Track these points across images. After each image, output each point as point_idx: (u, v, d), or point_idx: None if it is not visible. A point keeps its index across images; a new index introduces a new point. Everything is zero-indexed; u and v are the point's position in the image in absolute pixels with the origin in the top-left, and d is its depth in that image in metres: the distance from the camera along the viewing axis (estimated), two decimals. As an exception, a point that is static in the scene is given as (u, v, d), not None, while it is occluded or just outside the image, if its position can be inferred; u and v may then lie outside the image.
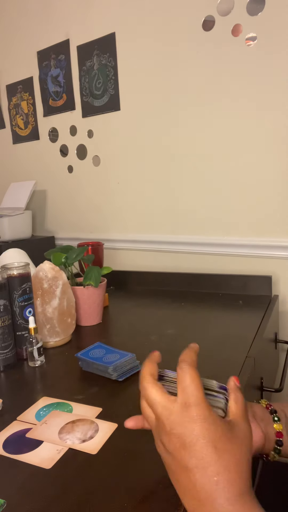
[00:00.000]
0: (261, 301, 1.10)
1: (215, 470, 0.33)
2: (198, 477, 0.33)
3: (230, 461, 0.33)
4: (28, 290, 0.79)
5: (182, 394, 0.35)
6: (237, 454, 0.34)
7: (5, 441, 0.53)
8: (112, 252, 1.50)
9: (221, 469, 0.33)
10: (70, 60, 1.50)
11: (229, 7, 1.12)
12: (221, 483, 0.32)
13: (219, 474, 0.32)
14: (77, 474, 0.46)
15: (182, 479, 0.34)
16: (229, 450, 0.33)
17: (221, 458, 0.33)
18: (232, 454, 0.33)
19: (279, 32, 1.06)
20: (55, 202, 1.69)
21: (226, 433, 0.34)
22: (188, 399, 0.34)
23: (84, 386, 0.67)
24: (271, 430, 0.44)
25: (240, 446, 0.34)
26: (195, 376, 0.35)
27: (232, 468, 0.33)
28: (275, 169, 1.14)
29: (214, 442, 0.33)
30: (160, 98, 1.31)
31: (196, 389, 0.34)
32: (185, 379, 0.35)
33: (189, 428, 0.33)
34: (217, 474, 0.32)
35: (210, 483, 0.32)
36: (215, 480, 0.32)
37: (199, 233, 1.31)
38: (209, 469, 0.33)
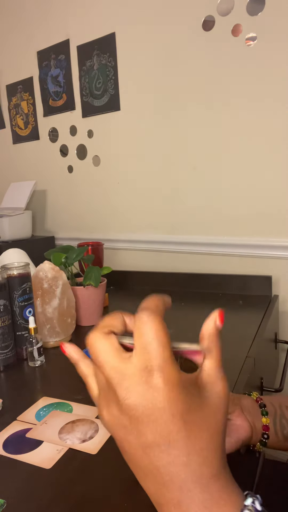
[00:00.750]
0: (261, 301, 1.10)
1: (184, 449, 0.26)
2: (161, 457, 0.26)
3: (202, 437, 0.27)
4: (28, 290, 0.79)
5: (141, 353, 0.27)
6: (210, 427, 0.27)
7: (5, 441, 0.53)
8: (112, 252, 1.50)
9: (191, 447, 0.26)
10: (70, 60, 1.50)
11: (229, 7, 1.12)
12: (191, 464, 0.26)
13: (189, 454, 0.26)
14: (77, 474, 0.46)
15: (140, 459, 0.27)
16: (201, 422, 0.27)
17: (192, 434, 0.26)
18: (204, 427, 0.27)
19: (279, 32, 1.06)
20: (55, 202, 1.69)
21: (197, 400, 0.27)
22: (148, 360, 0.26)
23: (84, 386, 0.67)
24: (259, 423, 0.45)
25: (215, 415, 0.28)
26: (158, 327, 0.26)
27: (204, 444, 0.27)
28: (275, 169, 1.14)
29: (184, 415, 0.26)
30: (160, 98, 1.31)
31: (160, 345, 0.26)
32: (145, 332, 0.26)
33: (150, 398, 0.26)
34: (187, 454, 0.26)
35: (178, 464, 0.26)
36: (183, 461, 0.26)
37: (199, 233, 1.31)
38: (176, 448, 0.26)
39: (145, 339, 0.26)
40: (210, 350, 0.30)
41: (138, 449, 0.27)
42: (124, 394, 0.27)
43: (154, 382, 0.26)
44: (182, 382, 0.27)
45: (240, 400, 0.46)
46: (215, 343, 0.30)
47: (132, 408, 0.26)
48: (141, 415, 0.26)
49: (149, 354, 0.26)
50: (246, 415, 0.44)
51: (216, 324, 0.31)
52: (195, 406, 0.27)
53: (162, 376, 0.26)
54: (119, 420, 0.28)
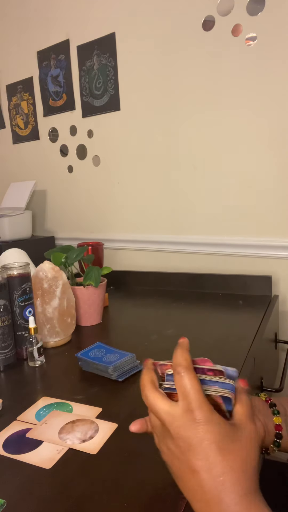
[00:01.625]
0: (261, 301, 1.10)
1: (220, 470, 0.33)
2: (204, 478, 0.33)
3: (235, 461, 0.33)
4: (28, 290, 0.79)
5: (183, 400, 0.35)
6: (242, 454, 0.34)
7: (5, 441, 0.53)
8: (112, 252, 1.50)
9: (226, 469, 0.33)
10: (70, 60, 1.50)
11: (229, 7, 1.12)
12: (227, 483, 0.32)
13: (224, 474, 0.33)
14: (77, 474, 0.46)
15: (189, 482, 0.34)
16: (234, 450, 0.34)
17: (226, 458, 0.33)
18: (236, 454, 0.34)
19: (279, 32, 1.06)
20: (55, 202, 1.69)
21: (230, 433, 0.34)
22: (189, 404, 0.34)
23: (84, 386, 0.67)
24: (271, 423, 0.45)
25: (246, 446, 0.35)
26: (193, 379, 0.35)
27: (237, 467, 0.33)
28: (275, 169, 1.14)
29: (218, 443, 0.33)
30: (160, 97, 1.31)
31: (196, 393, 0.35)
32: (184, 384, 0.35)
33: (193, 431, 0.34)
34: (222, 474, 0.33)
35: (216, 483, 0.33)
36: (220, 480, 0.33)
37: (199, 233, 1.31)
38: (214, 470, 0.33)
39: (184, 389, 0.35)
40: (241, 403, 0.38)
41: (187, 472, 0.35)
42: (175, 430, 0.35)
43: (196, 418, 0.34)
44: (216, 419, 0.34)
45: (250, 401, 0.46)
46: (245, 398, 0.38)
47: (182, 439, 0.34)
48: (188, 445, 0.34)
49: (189, 399, 0.35)
50: (258, 416, 0.44)
51: (242, 387, 0.39)
52: (228, 438, 0.34)
53: (200, 413, 0.34)
54: (174, 452, 0.36)
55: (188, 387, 0.35)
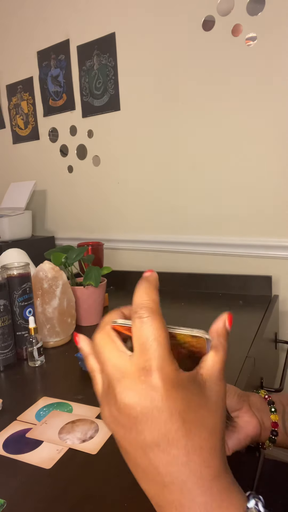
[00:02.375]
0: (261, 301, 1.10)
1: (183, 448, 0.26)
2: (160, 458, 0.26)
3: (201, 436, 0.26)
4: (28, 290, 0.79)
5: (140, 354, 0.26)
6: (209, 426, 0.27)
7: (5, 441, 0.53)
8: (112, 252, 1.50)
9: (191, 446, 0.26)
10: (70, 60, 1.50)
11: (229, 7, 1.12)
12: (191, 464, 0.26)
13: (189, 453, 0.26)
14: (77, 474, 0.46)
15: (139, 459, 0.27)
16: (200, 420, 0.26)
17: (191, 433, 0.26)
18: (204, 426, 0.26)
19: (279, 32, 1.06)
20: (55, 202, 1.69)
21: (197, 397, 0.27)
22: (147, 361, 0.26)
23: (84, 386, 0.67)
24: (268, 421, 0.45)
25: (214, 414, 0.27)
26: (158, 327, 0.26)
27: (204, 443, 0.26)
28: (275, 170, 1.14)
29: (182, 414, 0.26)
30: (160, 98, 1.31)
31: (159, 346, 0.26)
32: (144, 332, 0.26)
33: (148, 397, 0.26)
34: (186, 454, 0.26)
35: (177, 464, 0.26)
36: (183, 461, 0.26)
37: (199, 233, 1.31)
38: (176, 448, 0.26)
39: (144, 340, 0.26)
40: (217, 349, 0.29)
41: (138, 449, 0.27)
42: (123, 393, 0.26)
43: (153, 382, 0.26)
44: (181, 381, 0.26)
45: (248, 397, 0.46)
46: (223, 343, 0.30)
47: (130, 407, 0.26)
48: (139, 414, 0.26)
49: (148, 355, 0.26)
50: (255, 412, 0.44)
51: (225, 326, 0.30)
52: (194, 405, 0.26)
53: (161, 376, 0.26)
54: (118, 419, 0.27)
55: (150, 338, 0.26)
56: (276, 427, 0.45)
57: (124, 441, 0.28)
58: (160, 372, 0.26)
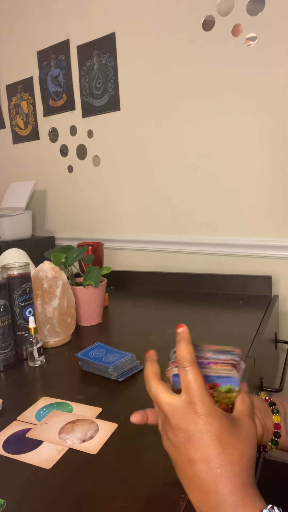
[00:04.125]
0: (261, 301, 1.10)
1: (218, 462, 0.34)
2: (202, 469, 0.34)
3: (233, 454, 0.34)
4: (28, 290, 0.79)
5: (186, 392, 0.36)
6: (240, 448, 0.35)
7: (5, 441, 0.53)
8: (112, 252, 1.50)
9: (224, 461, 0.34)
10: (70, 60, 1.50)
11: (229, 7, 1.12)
12: (224, 474, 0.33)
13: (222, 466, 0.33)
14: (77, 474, 0.46)
15: (187, 472, 0.35)
16: (233, 443, 0.34)
17: (225, 451, 0.34)
18: (235, 448, 0.34)
19: (279, 32, 1.06)
20: (55, 202, 1.69)
21: (230, 427, 0.35)
22: (191, 397, 0.35)
23: (84, 386, 0.67)
24: (270, 422, 0.45)
25: (244, 441, 0.35)
26: (196, 372, 0.36)
27: (235, 461, 0.34)
28: (275, 169, 1.14)
29: (218, 436, 0.34)
30: (160, 98, 1.31)
31: (199, 386, 0.35)
32: (188, 377, 0.36)
33: (194, 423, 0.35)
34: (220, 466, 0.33)
35: (214, 475, 0.33)
36: (218, 472, 0.33)
37: (199, 233, 1.31)
38: (213, 461, 0.34)
39: (188, 383, 0.36)
40: (243, 400, 0.39)
41: (186, 464, 0.35)
42: (175, 421, 0.36)
43: (197, 411, 0.35)
44: (217, 412, 0.35)
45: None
46: (245, 394, 0.39)
47: (181, 430, 0.35)
48: (187, 436, 0.35)
49: (192, 392, 0.35)
50: (257, 414, 0.44)
51: (245, 388, 0.40)
52: (228, 432, 0.35)
53: (202, 406, 0.35)
54: (173, 442, 0.36)
55: (192, 381, 0.35)
56: (279, 428, 0.45)
57: (177, 459, 0.36)
58: (201, 403, 0.35)
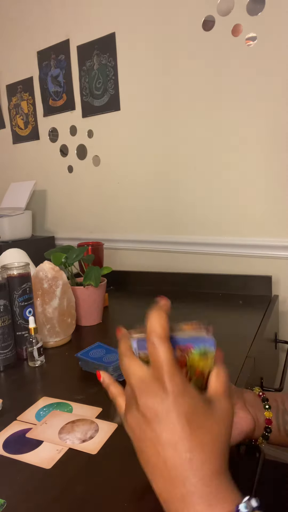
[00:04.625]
0: (261, 301, 1.10)
1: (188, 445, 0.30)
2: (168, 453, 0.31)
3: (204, 438, 0.31)
4: (28, 290, 0.79)
5: (155, 369, 0.33)
6: (213, 432, 0.32)
7: (5, 441, 0.53)
8: (112, 252, 1.50)
9: (194, 445, 0.30)
10: (70, 60, 1.50)
11: (229, 7, 1.12)
12: (194, 460, 0.30)
13: (192, 450, 0.30)
14: (77, 474, 0.46)
15: (152, 456, 0.32)
16: (205, 426, 0.31)
17: (195, 434, 0.31)
18: (207, 431, 0.31)
19: (279, 32, 1.06)
20: (55, 202, 1.69)
21: (202, 407, 0.32)
22: (161, 375, 0.32)
23: (84, 386, 0.67)
24: (261, 417, 0.45)
25: (218, 424, 0.32)
26: (167, 351, 0.33)
27: (206, 444, 0.31)
28: (275, 169, 1.14)
29: (188, 415, 0.31)
30: (160, 98, 1.31)
31: (169, 364, 0.32)
32: (157, 354, 0.33)
33: (162, 401, 0.32)
34: (190, 451, 0.30)
35: (182, 460, 0.30)
36: (187, 457, 0.30)
37: (199, 233, 1.31)
38: (181, 445, 0.30)
39: (157, 359, 0.33)
40: (218, 374, 0.36)
41: (150, 446, 0.32)
42: (143, 396, 0.33)
43: (166, 388, 0.32)
44: (188, 391, 0.32)
45: (242, 394, 0.46)
46: (221, 367, 0.37)
47: (147, 407, 0.32)
48: (154, 415, 0.32)
49: (161, 370, 0.32)
50: (249, 408, 0.45)
51: (220, 352, 0.38)
52: (200, 411, 0.32)
53: (171, 383, 0.32)
54: (137, 420, 0.33)
55: (161, 358, 0.32)
56: (270, 424, 0.45)
57: (140, 441, 0.33)
58: (170, 381, 0.32)
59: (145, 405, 0.32)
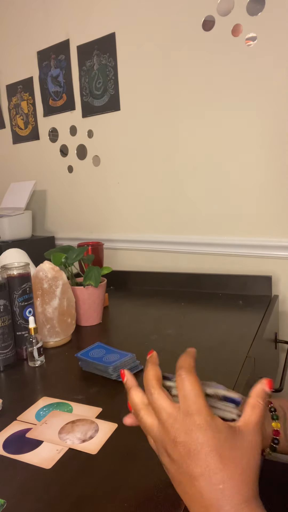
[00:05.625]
0: (261, 301, 1.10)
1: (220, 478, 0.33)
2: (203, 485, 0.33)
3: (235, 470, 0.33)
4: (28, 290, 0.79)
5: (183, 402, 0.35)
6: (242, 463, 0.33)
7: (5, 441, 0.53)
8: (112, 252, 1.50)
9: (226, 477, 0.33)
10: (70, 60, 1.50)
11: (229, 7, 1.12)
12: (227, 491, 0.32)
13: (224, 482, 0.33)
14: (77, 474, 0.46)
15: (188, 488, 0.34)
16: (234, 458, 0.33)
17: (226, 466, 0.33)
18: (237, 462, 0.33)
19: (279, 32, 1.06)
20: (55, 202, 1.69)
21: (231, 440, 0.34)
22: (189, 407, 0.34)
23: (84, 386, 0.67)
24: (269, 428, 0.45)
25: (247, 455, 0.34)
26: (194, 382, 0.35)
27: (237, 476, 0.33)
28: (275, 170, 1.14)
29: (219, 450, 0.33)
30: (160, 98, 1.31)
31: (196, 396, 0.34)
32: (185, 386, 0.35)
33: (194, 436, 0.33)
34: (222, 482, 0.33)
35: (216, 491, 0.33)
36: (220, 488, 0.32)
37: (199, 233, 1.31)
38: (214, 477, 0.33)
39: (185, 392, 0.35)
40: (254, 407, 0.36)
41: (187, 479, 0.34)
42: (175, 433, 0.34)
43: (195, 422, 0.34)
44: (215, 424, 0.34)
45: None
46: (260, 403, 0.36)
47: (181, 445, 0.34)
48: (187, 451, 0.34)
49: (188, 402, 0.34)
50: None
51: (264, 389, 0.37)
52: (229, 446, 0.33)
53: (199, 417, 0.34)
54: (173, 457, 0.35)
55: (188, 388, 0.35)
56: (278, 435, 0.44)
57: (177, 474, 0.35)
58: (198, 414, 0.34)
59: (177, 441, 0.34)
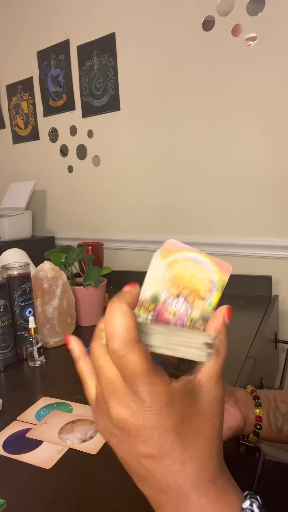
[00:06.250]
0: (261, 301, 1.10)
1: (179, 457, 0.26)
2: (156, 468, 0.26)
3: (197, 443, 0.26)
4: (28, 290, 0.79)
5: (128, 382, 0.25)
6: (206, 432, 0.27)
7: (5, 441, 0.53)
8: (112, 252, 1.50)
9: (186, 455, 0.26)
10: (70, 60, 1.50)
11: (229, 7, 1.12)
12: (188, 470, 0.26)
13: (185, 461, 0.26)
14: (77, 474, 0.46)
15: (135, 467, 0.27)
16: (196, 429, 0.27)
17: (186, 443, 0.26)
18: (200, 434, 0.27)
19: (279, 32, 1.06)
20: (55, 202, 1.69)
21: (192, 408, 0.27)
22: (136, 387, 0.25)
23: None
24: (252, 414, 0.46)
25: (211, 418, 0.27)
26: (139, 362, 0.25)
27: (200, 451, 0.27)
28: (275, 170, 1.14)
29: (176, 428, 0.26)
30: (160, 98, 1.31)
31: (144, 378, 0.25)
32: (127, 369, 0.25)
33: (141, 415, 0.26)
34: (183, 462, 0.26)
35: (173, 471, 0.26)
36: (179, 469, 0.26)
37: (199, 233, 1.31)
38: (171, 458, 0.26)
39: (128, 374, 0.25)
40: (218, 351, 0.28)
41: (133, 458, 0.27)
42: (115, 407, 0.26)
43: (145, 404, 0.25)
44: (173, 397, 0.26)
45: (234, 392, 0.48)
46: (223, 343, 0.29)
47: (123, 421, 0.26)
48: (132, 429, 0.26)
49: (136, 385, 0.25)
50: (239, 406, 0.46)
51: (224, 321, 0.30)
52: (189, 416, 0.26)
53: (150, 397, 0.25)
54: (111, 430, 0.27)
55: (133, 373, 0.25)
56: (260, 421, 0.46)
57: (119, 449, 0.28)
58: (150, 394, 0.25)
59: (119, 417, 0.26)
